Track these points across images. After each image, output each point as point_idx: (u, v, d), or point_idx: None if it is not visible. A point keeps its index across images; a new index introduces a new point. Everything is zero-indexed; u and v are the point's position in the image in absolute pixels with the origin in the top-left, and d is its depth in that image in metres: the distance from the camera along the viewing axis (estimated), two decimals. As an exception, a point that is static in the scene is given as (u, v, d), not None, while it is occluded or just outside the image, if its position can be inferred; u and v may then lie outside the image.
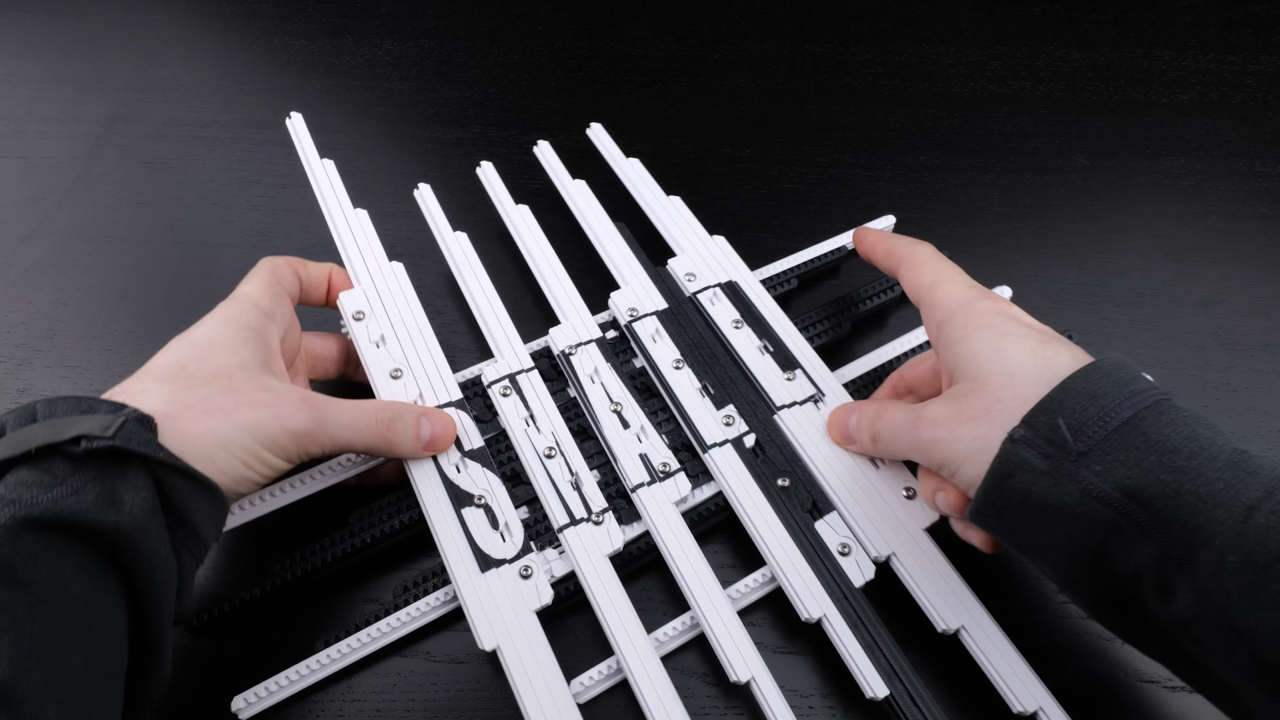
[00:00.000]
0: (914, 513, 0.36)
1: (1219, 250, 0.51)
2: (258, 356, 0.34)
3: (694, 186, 0.55)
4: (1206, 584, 0.24)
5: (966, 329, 0.32)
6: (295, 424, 0.32)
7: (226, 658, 0.35)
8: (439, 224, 0.46)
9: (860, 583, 0.34)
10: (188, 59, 0.64)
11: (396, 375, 0.39)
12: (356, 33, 0.66)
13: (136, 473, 0.27)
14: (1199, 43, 0.64)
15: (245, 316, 0.35)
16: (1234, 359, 0.46)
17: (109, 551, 0.26)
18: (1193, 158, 0.56)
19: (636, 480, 0.37)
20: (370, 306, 0.41)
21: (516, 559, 0.34)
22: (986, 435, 0.29)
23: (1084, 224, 0.53)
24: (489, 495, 0.36)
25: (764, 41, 0.65)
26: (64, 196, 0.55)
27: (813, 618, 0.33)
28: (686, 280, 0.44)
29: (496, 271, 0.45)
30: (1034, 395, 0.28)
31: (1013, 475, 0.28)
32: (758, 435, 0.39)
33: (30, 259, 0.51)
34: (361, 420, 0.34)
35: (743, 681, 0.32)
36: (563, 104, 0.61)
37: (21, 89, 0.62)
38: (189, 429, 0.30)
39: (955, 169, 0.56)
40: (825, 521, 0.36)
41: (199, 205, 0.54)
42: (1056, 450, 0.27)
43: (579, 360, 0.41)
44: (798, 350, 0.41)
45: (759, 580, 0.35)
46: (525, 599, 0.33)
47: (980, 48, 0.64)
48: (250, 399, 0.32)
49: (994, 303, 0.33)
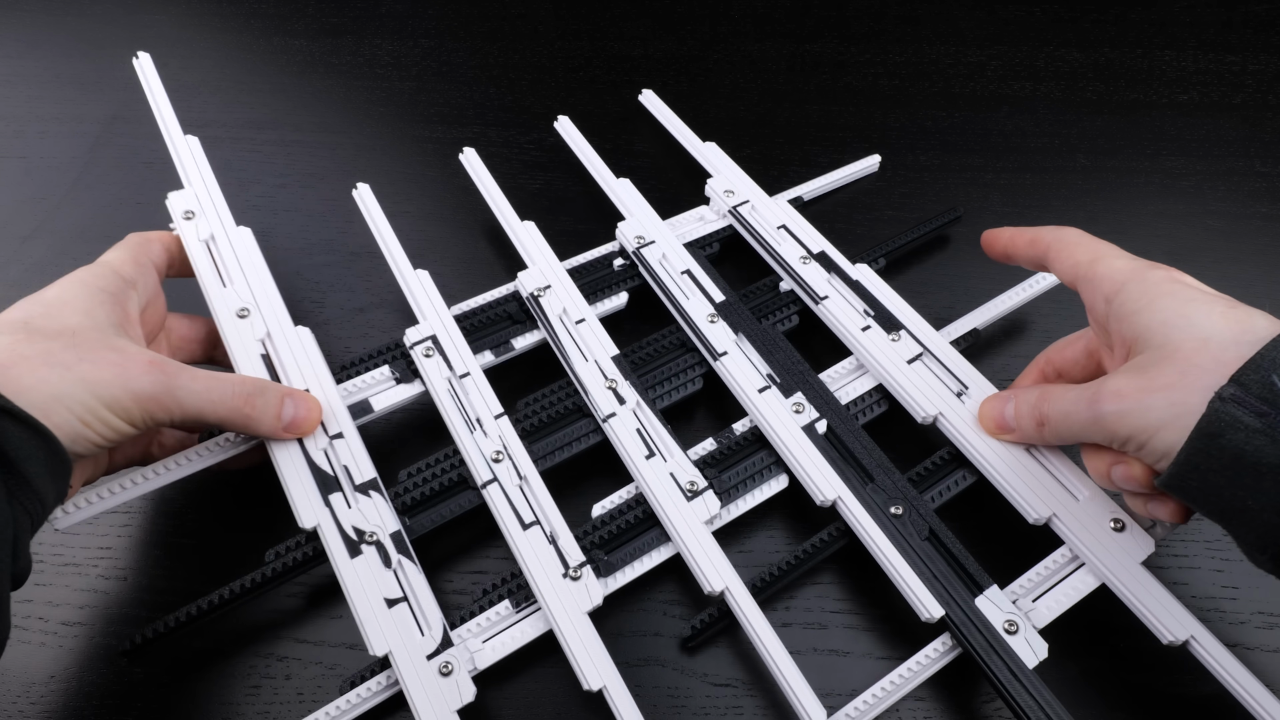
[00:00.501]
0: (1129, 547, 0.34)
1: (1219, 250, 0.51)
2: (112, 319, 0.33)
3: (694, 186, 0.55)
4: None
5: (1144, 298, 0.31)
6: (140, 385, 0.31)
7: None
8: (376, 220, 0.46)
9: (1034, 663, 0.31)
10: (188, 59, 0.64)
11: (244, 315, 0.38)
12: (356, 33, 0.66)
13: None
14: (1199, 43, 0.64)
15: (103, 281, 0.34)
16: (1234, 359, 0.46)
17: None
18: (1193, 158, 0.56)
19: (639, 455, 0.36)
20: (200, 207, 0.41)
21: (436, 654, 0.31)
22: (1184, 400, 0.28)
23: (1084, 224, 0.52)
24: (408, 588, 0.33)
25: (764, 41, 0.65)
26: (64, 196, 0.55)
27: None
28: (725, 196, 0.46)
29: (488, 270, 0.45)
30: (1233, 359, 0.27)
31: (1223, 434, 0.27)
32: (828, 420, 0.38)
33: (30, 259, 0.51)
34: (217, 390, 0.33)
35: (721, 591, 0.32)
36: (563, 104, 0.61)
37: (21, 89, 0.62)
38: (22, 379, 0.28)
39: (955, 169, 0.56)
40: (986, 597, 0.33)
41: (199, 205, 0.54)
42: (1271, 408, 0.26)
43: (548, 302, 0.40)
44: (897, 309, 0.42)
45: (941, 649, 0.32)
46: (446, 698, 0.31)
47: (980, 48, 0.64)
48: (95, 356, 0.30)
49: (1165, 271, 0.33)
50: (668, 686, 0.34)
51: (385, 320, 0.47)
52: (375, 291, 0.49)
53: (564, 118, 0.53)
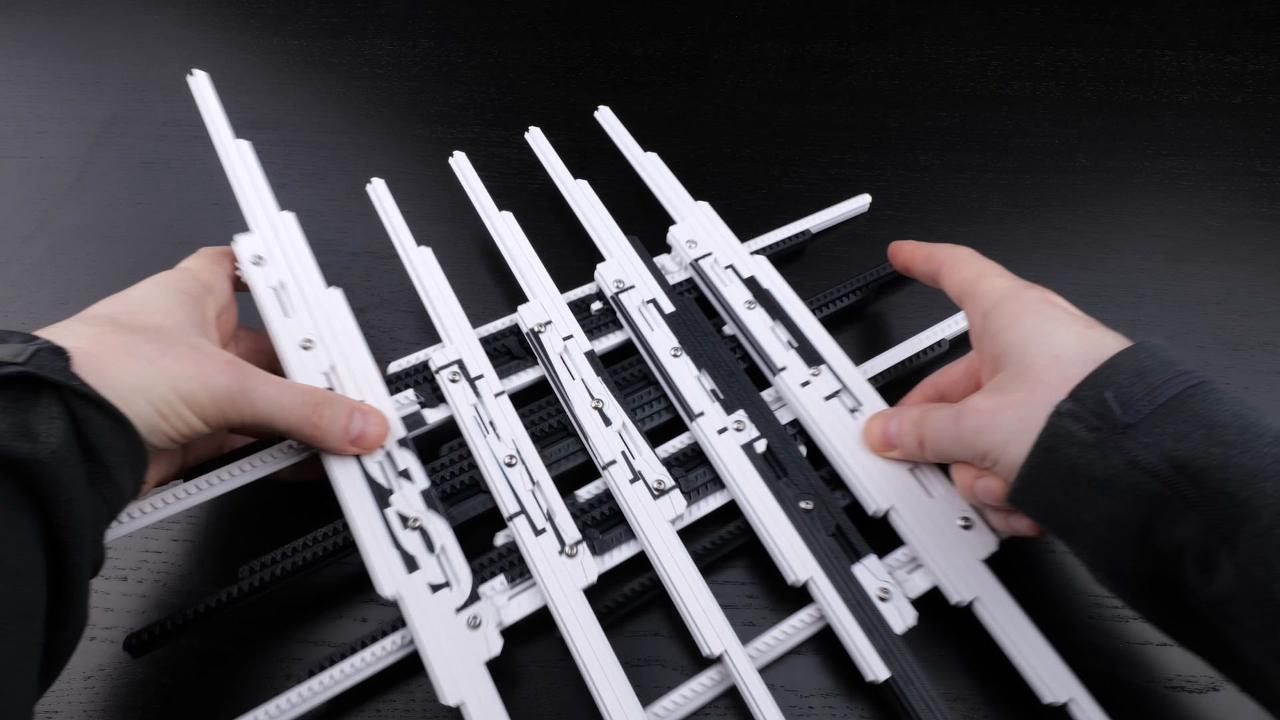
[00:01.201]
0: (974, 545, 0.35)
1: (1219, 250, 0.51)
2: (192, 320, 0.34)
3: (694, 186, 0.55)
4: (1250, 558, 0.24)
5: (1011, 315, 0.32)
6: (217, 384, 0.31)
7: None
8: (390, 214, 0.46)
9: (901, 629, 0.33)
10: (188, 59, 0.64)
11: (308, 346, 0.37)
12: (356, 33, 0.66)
13: (50, 404, 0.26)
14: (1199, 43, 0.64)
15: (183, 284, 0.35)
16: (1234, 359, 0.46)
17: (24, 484, 0.25)
18: (1193, 158, 0.56)
19: (619, 472, 0.36)
20: (270, 252, 0.39)
21: (464, 607, 0.33)
22: (1031, 416, 0.29)
23: (1084, 224, 0.53)
24: (442, 552, 0.34)
25: (764, 41, 0.65)
26: (64, 196, 0.55)
27: (879, 679, 0.32)
28: (688, 247, 0.44)
29: (488, 270, 0.45)
30: (1079, 375, 0.28)
31: (1059, 448, 0.28)
32: (769, 439, 0.38)
33: (30, 259, 0.51)
34: (288, 396, 0.33)
35: (715, 655, 0.32)
36: (563, 104, 0.61)
37: (21, 89, 0.62)
38: (108, 367, 0.29)
39: (955, 169, 0.56)
40: (863, 565, 0.34)
41: (199, 205, 0.54)
42: (1104, 423, 0.27)
43: (548, 338, 0.40)
44: (818, 342, 0.41)
45: (809, 619, 0.34)
46: (474, 650, 0.32)
47: (980, 48, 0.64)
48: (176, 352, 0.31)
49: (1039, 291, 0.34)
50: (667, 687, 0.34)
51: (385, 320, 0.47)
52: (376, 291, 0.49)
53: (534, 129, 0.52)
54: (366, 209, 0.51)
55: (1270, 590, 0.24)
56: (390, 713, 0.34)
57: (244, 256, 0.39)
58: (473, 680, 0.31)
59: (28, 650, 0.24)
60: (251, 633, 0.36)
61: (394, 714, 0.34)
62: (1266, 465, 0.24)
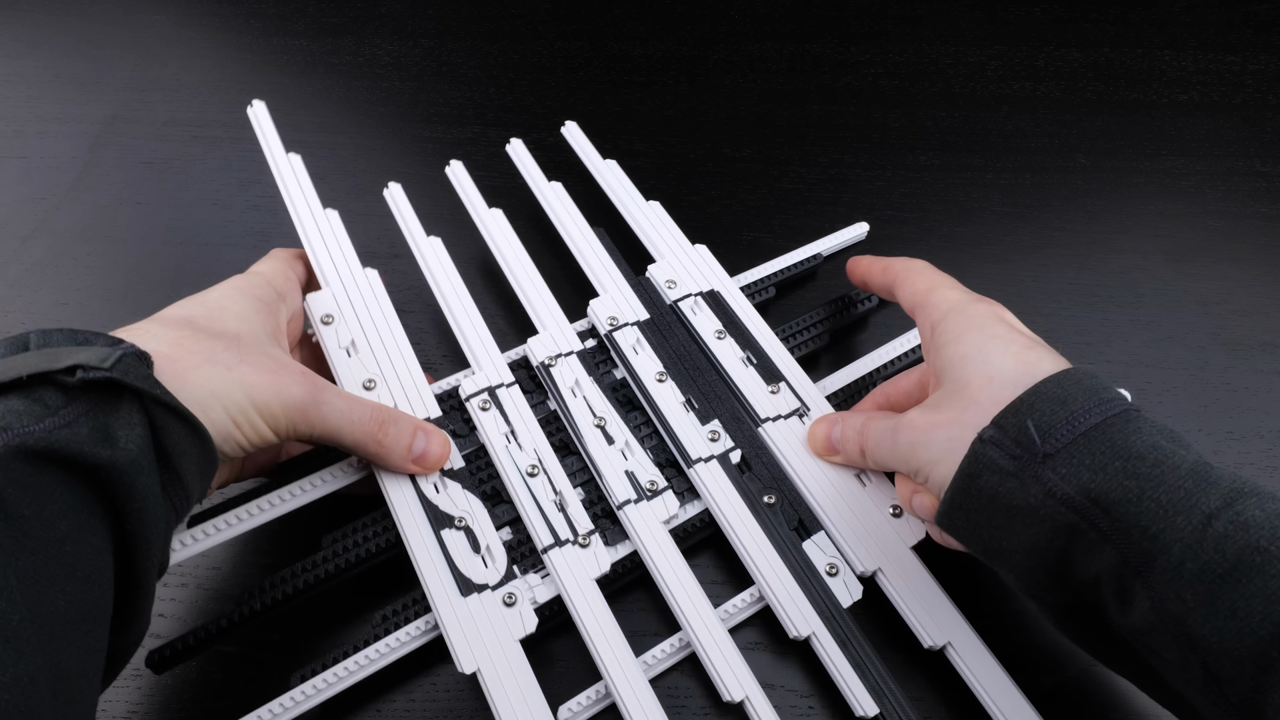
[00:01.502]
0: (901, 530, 0.36)
1: (1219, 250, 0.51)
2: (267, 329, 0.34)
3: (694, 186, 0.55)
4: (1164, 592, 0.24)
5: (956, 330, 0.32)
6: (292, 394, 0.31)
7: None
8: (411, 226, 0.45)
9: (848, 603, 0.34)
10: (188, 59, 0.64)
11: (370, 386, 0.38)
12: (356, 33, 0.66)
13: (131, 409, 0.26)
14: (1199, 43, 0.64)
15: (259, 290, 0.35)
16: (1234, 359, 0.46)
17: (101, 489, 0.25)
18: (1193, 158, 0.56)
19: (623, 497, 0.36)
20: (340, 310, 0.40)
21: (500, 585, 0.33)
22: (959, 436, 0.29)
23: (1084, 224, 0.53)
24: (469, 517, 0.35)
25: (764, 41, 0.65)
26: (64, 196, 0.55)
27: (801, 635, 0.33)
28: (667, 288, 0.43)
29: (488, 271, 0.45)
30: (1010, 398, 0.28)
31: (980, 475, 0.28)
32: (743, 451, 0.38)
33: (30, 259, 0.51)
34: (357, 411, 0.33)
35: (736, 701, 0.32)
36: (563, 104, 0.61)
37: (21, 89, 0.62)
38: (188, 373, 0.29)
39: (955, 169, 0.56)
40: (813, 541, 0.36)
41: (199, 205, 0.54)
42: (1024, 451, 0.27)
43: (559, 372, 0.40)
44: (781, 363, 0.41)
45: (749, 599, 0.35)
46: (509, 627, 0.33)
47: (980, 48, 0.64)
48: (253, 360, 0.31)
49: (988, 306, 0.34)
50: (667, 687, 0.34)
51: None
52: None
53: (516, 140, 0.51)
54: (366, 209, 0.51)
55: (1184, 625, 0.24)
56: (390, 713, 0.34)
57: (314, 316, 0.39)
58: (506, 655, 0.32)
59: (94, 655, 0.25)
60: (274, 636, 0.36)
61: (394, 714, 0.34)
62: (1179, 499, 0.24)
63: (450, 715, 0.34)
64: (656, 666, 0.34)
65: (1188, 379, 0.45)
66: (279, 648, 0.36)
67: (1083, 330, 0.47)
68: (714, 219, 0.53)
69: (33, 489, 0.24)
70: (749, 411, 0.39)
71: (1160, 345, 0.46)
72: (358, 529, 0.35)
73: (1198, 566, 0.23)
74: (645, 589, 0.37)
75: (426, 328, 0.47)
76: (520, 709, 0.31)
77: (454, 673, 0.35)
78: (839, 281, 0.49)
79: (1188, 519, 0.24)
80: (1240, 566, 0.23)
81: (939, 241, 0.51)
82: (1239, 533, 0.23)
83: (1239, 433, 0.43)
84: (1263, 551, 0.23)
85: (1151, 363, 0.46)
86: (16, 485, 0.23)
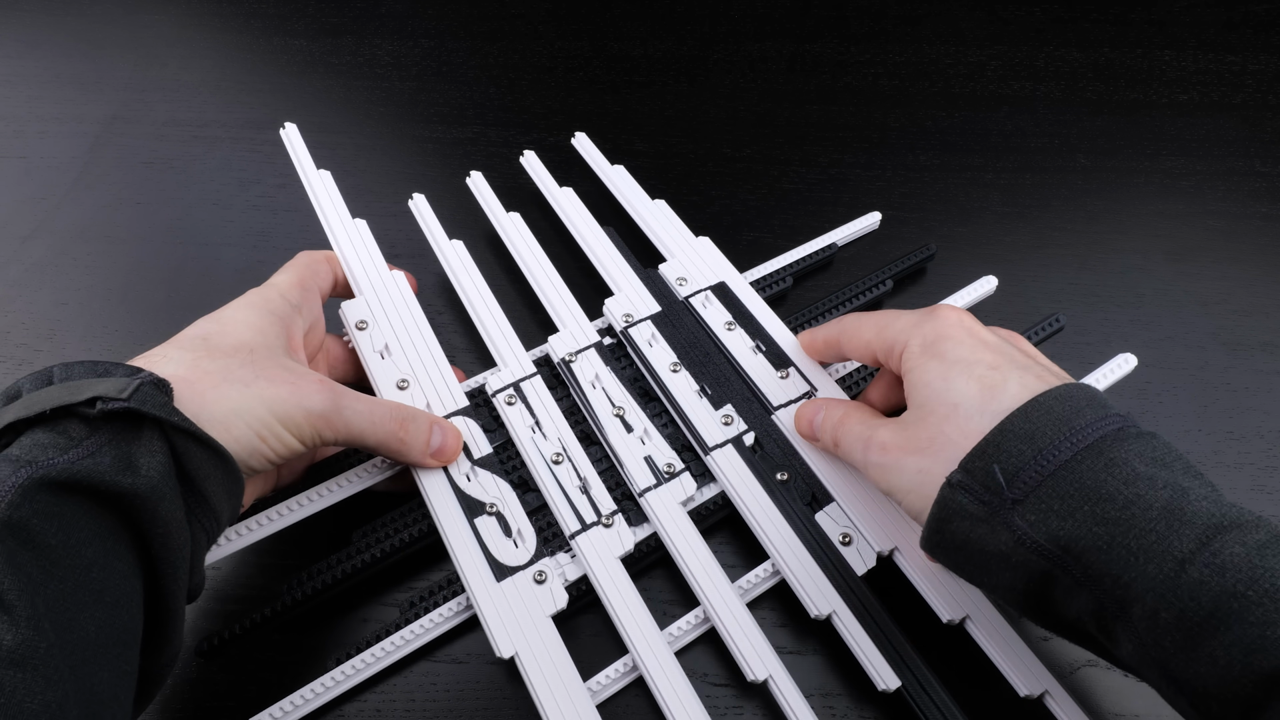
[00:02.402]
0: None
1: (1219, 250, 0.51)
2: (281, 339, 0.34)
3: (694, 186, 0.55)
4: (1144, 636, 0.24)
5: (920, 356, 0.32)
6: (313, 403, 0.32)
7: (237, 683, 0.35)
8: (435, 233, 0.46)
9: (862, 571, 0.34)
10: (188, 59, 0.64)
11: (403, 386, 0.39)
12: (356, 33, 0.66)
13: (152, 436, 0.27)
14: (1199, 43, 0.64)
15: (272, 304, 0.36)
16: (1234, 359, 0.46)
17: (125, 516, 0.26)
18: (1193, 158, 0.56)
19: (643, 484, 0.37)
20: (373, 315, 0.41)
21: (530, 564, 0.35)
22: (930, 469, 0.29)
23: (1084, 224, 0.53)
24: (500, 503, 0.36)
25: (764, 41, 0.65)
26: (64, 196, 0.55)
27: (821, 614, 0.33)
28: (678, 285, 0.44)
29: (493, 276, 0.45)
30: (977, 430, 0.28)
31: (951, 520, 0.28)
32: (756, 433, 0.39)
33: (30, 259, 0.51)
34: (378, 413, 0.34)
35: (760, 680, 0.32)
36: (563, 104, 0.61)
37: (21, 89, 0.62)
38: (206, 394, 0.30)
39: (955, 169, 0.56)
40: (825, 513, 0.36)
41: (199, 205, 0.54)
42: (993, 497, 0.26)
43: (579, 367, 0.41)
44: (790, 349, 0.42)
45: (765, 573, 0.36)
46: (540, 604, 0.34)
47: (980, 48, 0.64)
48: (270, 374, 0.32)
49: (941, 324, 0.32)
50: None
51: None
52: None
53: (529, 152, 0.52)
54: (366, 208, 0.51)
55: (1168, 668, 0.23)
56: (391, 713, 0.34)
57: (349, 322, 0.41)
58: (540, 632, 0.33)
59: (125, 678, 0.25)
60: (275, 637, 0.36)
61: (394, 714, 0.34)
62: (1150, 544, 0.24)
63: (450, 715, 0.34)
64: (680, 639, 0.34)
65: (1188, 379, 0.45)
66: (281, 647, 0.36)
67: (1083, 330, 0.47)
68: (714, 219, 0.53)
69: (58, 518, 0.24)
70: (760, 397, 0.40)
71: (1160, 345, 0.46)
72: (386, 523, 0.37)
73: (1173, 615, 0.23)
74: (666, 568, 0.38)
75: (450, 323, 0.48)
76: (555, 683, 0.31)
77: (454, 673, 0.35)
78: (854, 269, 0.49)
79: (1159, 566, 0.23)
80: (1217, 614, 0.22)
81: (939, 241, 0.51)
82: (1215, 577, 0.22)
83: (1239, 433, 0.43)
84: (1240, 597, 0.22)
85: (1151, 363, 0.46)
86: (42, 516, 0.24)
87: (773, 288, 0.46)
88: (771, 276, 0.47)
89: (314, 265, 0.40)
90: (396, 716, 0.34)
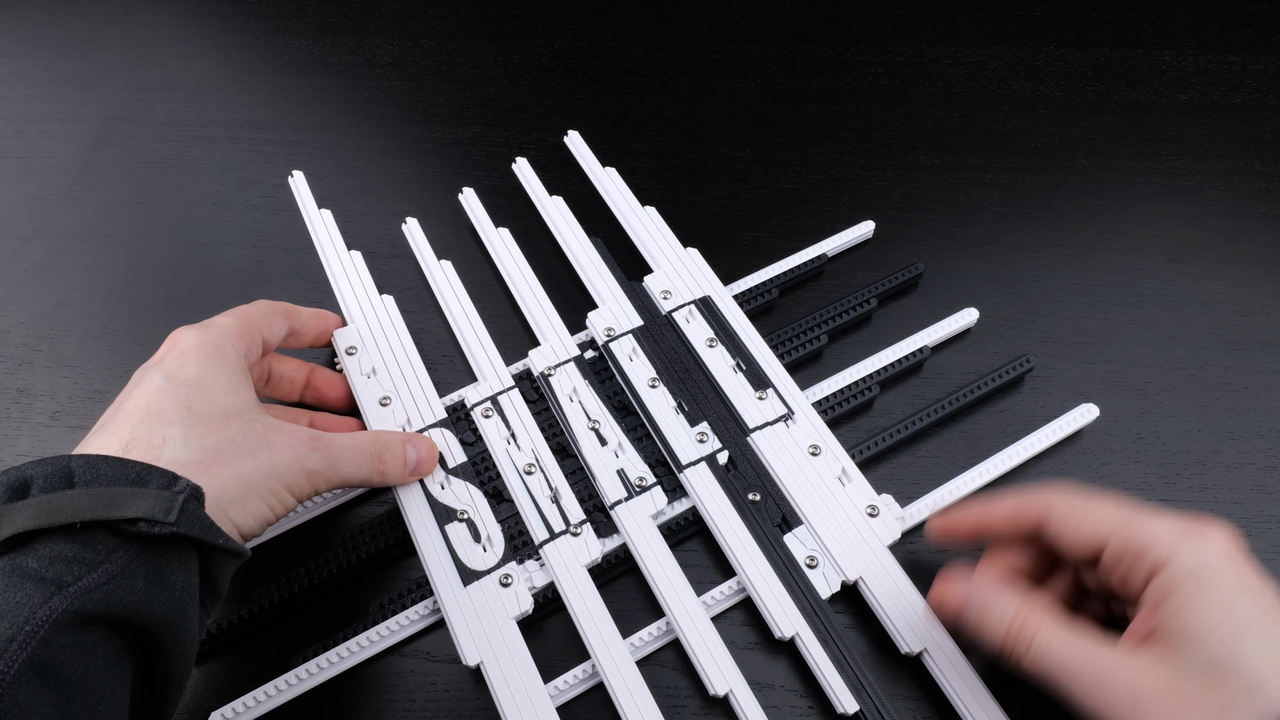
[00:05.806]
0: (878, 529, 0.36)
1: (1219, 250, 0.51)
2: (254, 395, 0.35)
3: (694, 186, 0.55)
4: None
5: (1194, 589, 0.27)
6: (311, 464, 0.33)
7: (209, 680, 0.35)
8: (425, 256, 0.48)
9: (827, 594, 0.35)
10: (188, 59, 0.64)
11: (385, 403, 0.41)
12: (356, 33, 0.66)
13: (187, 554, 0.27)
14: (1199, 43, 0.64)
15: (224, 348, 0.34)
16: (1234, 359, 0.46)
17: (140, 636, 0.25)
18: (1193, 158, 0.56)
19: (614, 497, 0.37)
20: (362, 341, 0.43)
21: (497, 568, 0.35)
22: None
23: (1084, 224, 0.53)
24: (471, 510, 0.37)
25: (764, 41, 0.65)
26: (64, 196, 0.55)
27: (785, 636, 0.34)
28: (662, 299, 0.45)
29: (487, 286, 0.45)
30: (1273, 710, 0.25)
31: None
32: (730, 452, 0.39)
33: (30, 259, 0.51)
34: (360, 455, 0.35)
35: (721, 695, 0.33)
36: (563, 104, 0.61)
37: (21, 89, 0.62)
38: (222, 475, 0.30)
39: (955, 169, 0.56)
40: (794, 535, 0.37)
41: (199, 205, 0.54)
42: None
43: (558, 381, 0.42)
44: (770, 369, 0.42)
45: (730, 590, 0.36)
46: (505, 607, 0.34)
47: (980, 48, 0.64)
48: (269, 440, 0.32)
49: (1212, 552, 0.28)
50: (667, 686, 0.35)
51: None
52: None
53: (522, 160, 0.52)
54: (365, 208, 0.51)
55: None
56: (391, 713, 0.34)
57: (340, 348, 0.43)
58: (504, 635, 0.34)
59: None
60: (274, 636, 0.36)
61: (394, 713, 0.34)
62: None
63: (450, 715, 0.34)
64: (644, 649, 0.35)
65: (1188, 379, 0.45)
66: (276, 646, 0.36)
67: (1083, 330, 0.47)
68: (714, 219, 0.53)
69: (80, 650, 0.24)
70: (737, 418, 0.40)
71: (1160, 345, 0.46)
72: (363, 530, 0.38)
73: None
74: (635, 577, 0.38)
75: (438, 331, 0.48)
76: (517, 687, 0.32)
77: (454, 673, 0.35)
78: (843, 281, 0.49)
79: None
80: None
81: (939, 241, 0.51)
82: None
83: (1239, 433, 0.43)
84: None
85: (1151, 363, 0.46)
86: (67, 651, 0.23)
87: (758, 300, 0.47)
88: (758, 289, 0.47)
89: (269, 315, 0.39)
90: (367, 714, 0.34)
